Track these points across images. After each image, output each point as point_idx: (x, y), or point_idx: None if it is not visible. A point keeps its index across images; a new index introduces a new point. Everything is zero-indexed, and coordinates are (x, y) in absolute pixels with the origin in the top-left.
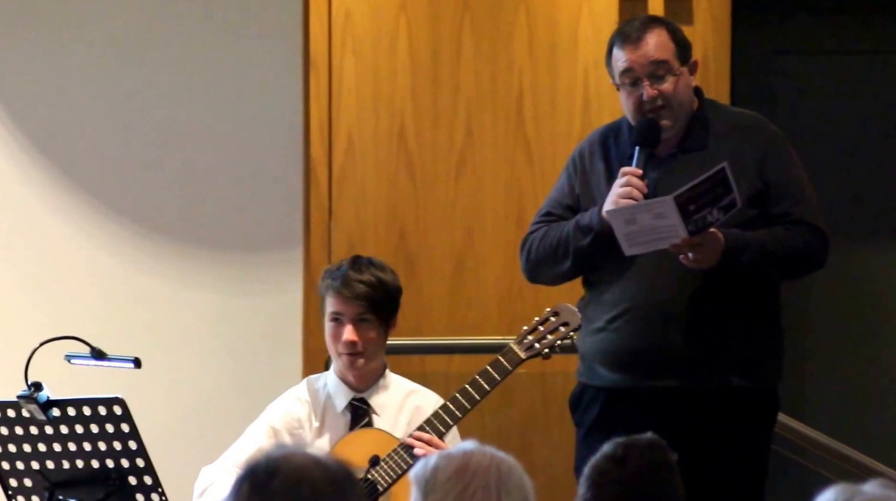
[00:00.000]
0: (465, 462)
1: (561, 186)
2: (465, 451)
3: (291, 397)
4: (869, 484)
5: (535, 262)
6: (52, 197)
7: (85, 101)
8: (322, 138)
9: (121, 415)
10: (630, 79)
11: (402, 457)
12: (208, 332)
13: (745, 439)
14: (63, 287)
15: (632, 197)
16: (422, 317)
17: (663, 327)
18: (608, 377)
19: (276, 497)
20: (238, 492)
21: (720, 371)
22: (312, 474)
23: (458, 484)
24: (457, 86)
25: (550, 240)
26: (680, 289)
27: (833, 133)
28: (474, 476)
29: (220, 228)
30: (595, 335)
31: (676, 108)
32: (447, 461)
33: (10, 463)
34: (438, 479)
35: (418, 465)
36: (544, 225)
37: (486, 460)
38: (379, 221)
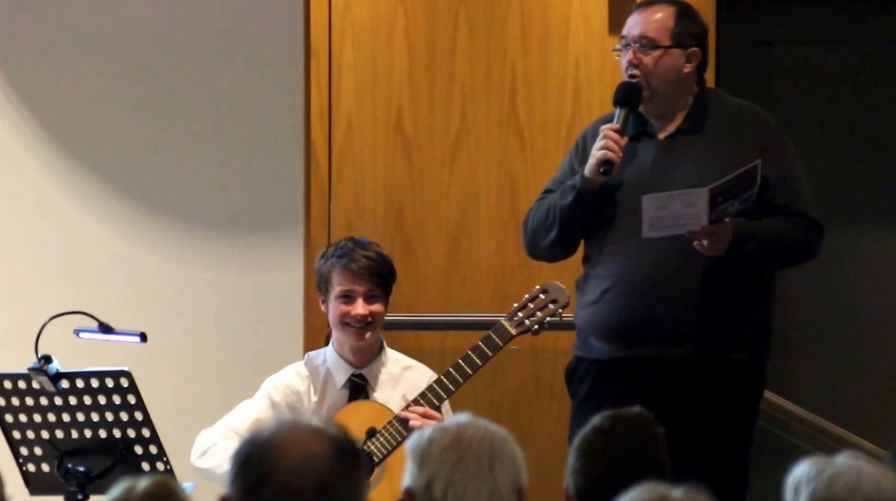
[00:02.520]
0: (459, 435)
1: (563, 167)
2: (459, 424)
3: (291, 371)
4: (840, 456)
5: (531, 235)
6: (62, 178)
7: (93, 87)
8: (322, 123)
9: (127, 387)
10: (622, 42)
11: (397, 430)
12: (212, 308)
13: (732, 411)
14: (72, 264)
15: (610, 149)
16: (418, 294)
17: (653, 299)
18: (600, 348)
19: (286, 474)
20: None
21: (710, 343)
22: (321, 447)
23: (453, 456)
24: (452, 73)
25: (542, 210)
26: (669, 263)
27: (818, 122)
28: (468, 448)
29: (224, 208)
30: (588, 307)
31: (655, 84)
32: (442, 433)
33: (22, 433)
34: (433, 451)
35: (413, 437)
36: (539, 202)
37: (480, 432)
38: (377, 202)
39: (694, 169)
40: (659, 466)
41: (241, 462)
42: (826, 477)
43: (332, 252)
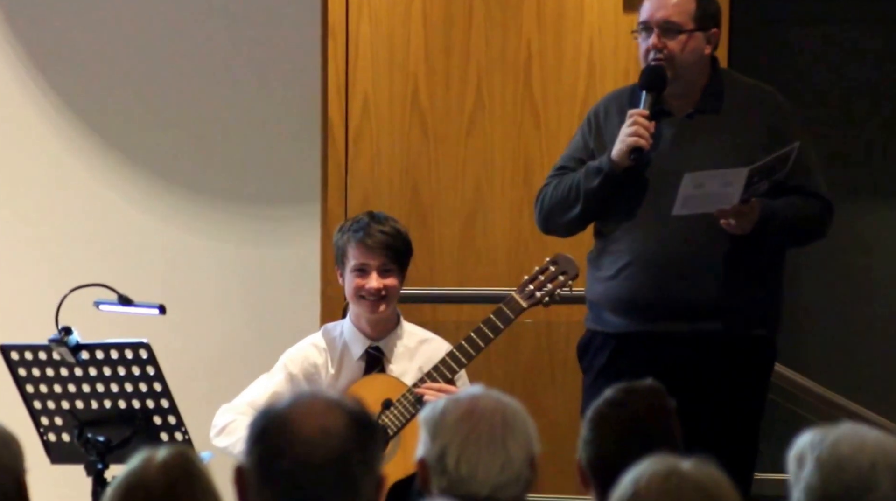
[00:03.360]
0: (472, 406)
1: (575, 143)
2: (472, 395)
3: (308, 344)
4: (841, 424)
5: (548, 211)
6: (84, 153)
7: (113, 63)
8: (339, 99)
9: (146, 359)
10: (645, 30)
11: (410, 403)
12: (231, 281)
13: (748, 386)
14: (92, 237)
15: (640, 136)
16: (433, 269)
17: (673, 275)
18: (617, 323)
19: (303, 446)
20: (256, 439)
21: (729, 319)
22: (337, 420)
23: (465, 427)
24: (468, 51)
25: (563, 188)
26: (690, 240)
27: (826, 100)
28: (481, 419)
29: (242, 183)
30: (605, 282)
31: (679, 68)
32: (455, 404)
33: (42, 403)
34: (446, 422)
35: (427, 408)
36: (558, 178)
37: (492, 403)
38: (393, 178)
39: (711, 148)
40: (671, 438)
41: (257, 435)
42: (830, 442)
43: (349, 226)
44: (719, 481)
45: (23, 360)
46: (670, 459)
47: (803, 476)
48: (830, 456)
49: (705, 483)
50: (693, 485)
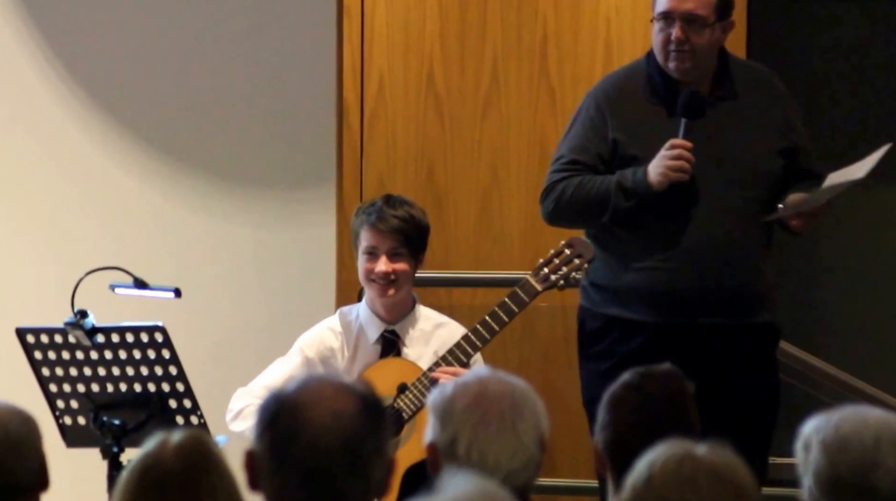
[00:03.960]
0: (480, 392)
1: (583, 134)
2: (480, 379)
3: (324, 327)
4: (845, 407)
5: (564, 210)
6: (100, 135)
7: (130, 45)
8: (354, 81)
9: (162, 342)
10: (666, 20)
11: (426, 386)
12: (245, 264)
13: (768, 370)
14: (108, 220)
15: (684, 170)
16: (448, 252)
17: (715, 265)
18: (650, 312)
19: (314, 431)
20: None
21: (754, 307)
22: (348, 404)
23: (475, 415)
24: (483, 31)
25: (586, 194)
26: (731, 231)
27: (849, 78)
28: (490, 406)
29: (257, 166)
30: (638, 272)
31: (699, 58)
32: (463, 390)
33: (58, 386)
34: (456, 409)
35: (435, 394)
36: (571, 173)
37: (501, 388)
38: (408, 160)
39: (740, 136)
40: (688, 423)
41: (267, 420)
42: (832, 424)
43: (365, 208)
44: (734, 465)
45: (39, 343)
46: (685, 443)
47: (811, 461)
48: (834, 438)
49: (720, 467)
50: (708, 470)
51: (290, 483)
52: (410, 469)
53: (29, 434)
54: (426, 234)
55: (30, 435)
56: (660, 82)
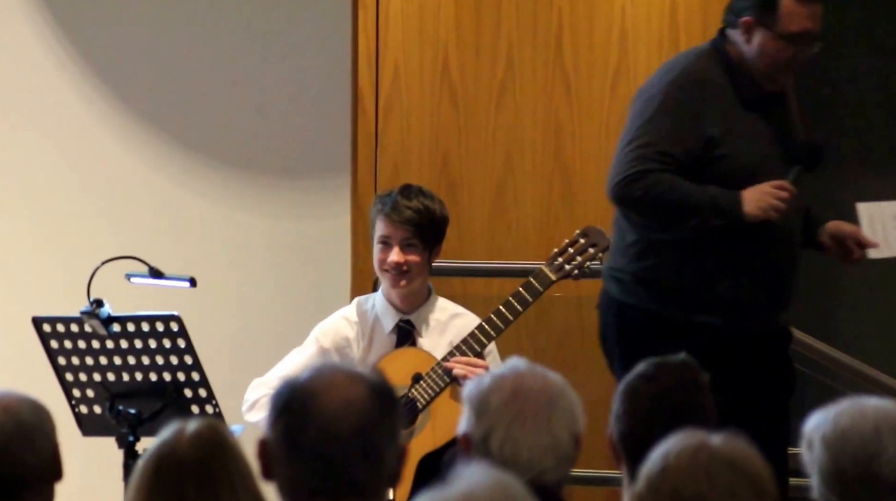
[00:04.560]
0: (517, 388)
1: (675, 124)
2: (516, 374)
3: (340, 317)
4: (843, 401)
5: (649, 205)
6: (115, 125)
7: (143, 34)
8: (369, 70)
9: (177, 331)
10: (803, 39)
11: (440, 376)
12: (260, 253)
13: (790, 366)
14: (123, 210)
15: (781, 212)
16: (463, 241)
17: (784, 276)
18: (711, 316)
19: (327, 418)
20: (279, 412)
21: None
22: (360, 393)
23: (511, 410)
24: (498, 20)
25: (678, 199)
26: (792, 241)
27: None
28: (526, 402)
29: (272, 155)
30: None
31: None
32: (500, 384)
33: (74, 375)
34: (492, 403)
35: (471, 385)
36: (663, 166)
37: (538, 384)
38: (423, 149)
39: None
40: (703, 413)
41: (280, 408)
42: (832, 418)
43: (381, 197)
44: (750, 456)
45: (55, 332)
46: (700, 434)
47: (814, 458)
48: (834, 432)
49: (735, 457)
50: (723, 460)
51: (303, 470)
52: (424, 459)
53: (41, 423)
54: (442, 226)
55: (42, 425)
56: (748, 86)
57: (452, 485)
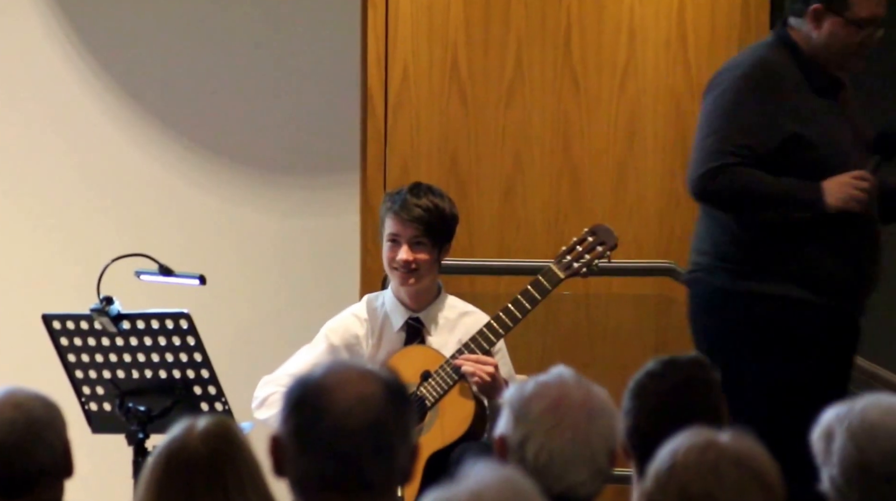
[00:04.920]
0: (559, 397)
1: (753, 117)
2: (561, 382)
3: (350, 314)
4: (865, 396)
5: (731, 199)
6: (124, 122)
7: (153, 31)
8: (378, 69)
9: (187, 329)
10: (871, 24)
11: (448, 374)
12: (270, 251)
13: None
14: (133, 208)
15: (862, 203)
16: (472, 239)
17: (875, 251)
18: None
19: (339, 413)
20: (292, 407)
21: None
22: (373, 389)
23: (551, 420)
24: (507, 18)
25: (758, 193)
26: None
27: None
28: (566, 414)
29: (282, 153)
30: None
31: None
32: (543, 391)
33: (84, 373)
34: (532, 410)
35: (513, 389)
36: (741, 158)
37: (580, 397)
38: (432, 147)
39: (860, 121)
40: (713, 411)
41: (293, 404)
42: (858, 412)
43: (391, 195)
44: (757, 454)
45: (64, 330)
46: (708, 431)
47: (835, 449)
48: (861, 425)
49: (743, 455)
50: (731, 458)
51: (314, 465)
52: (433, 457)
53: (52, 420)
54: (452, 224)
55: (52, 421)
56: (819, 74)
57: (461, 483)
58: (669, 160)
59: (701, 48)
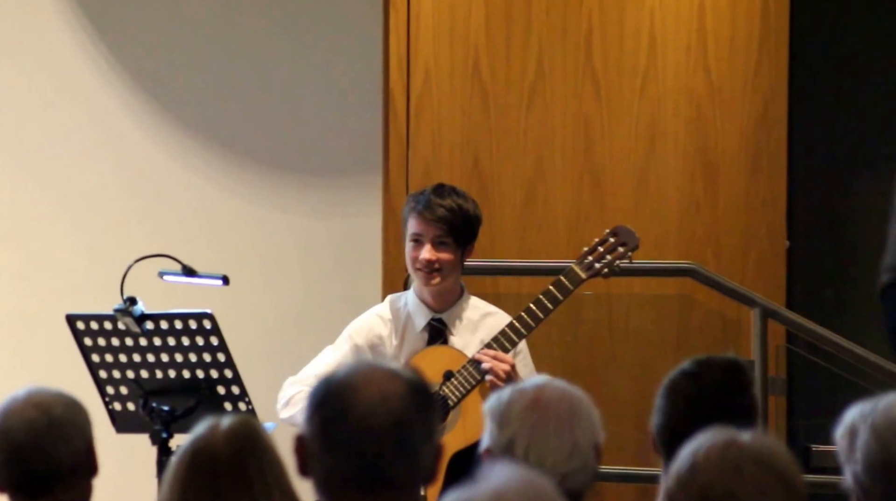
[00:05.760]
0: (537, 396)
1: None
2: (536, 385)
3: (373, 315)
4: (888, 394)
5: None
6: (148, 124)
7: (177, 34)
8: (400, 71)
9: (210, 329)
10: None
11: (470, 373)
12: (292, 252)
13: None
14: (157, 208)
15: None
16: (493, 240)
17: None
18: None
19: (363, 411)
20: (316, 406)
21: None
22: (397, 388)
23: (532, 416)
24: (529, 21)
25: None
26: None
27: (892, 61)
28: (547, 408)
29: (305, 155)
30: None
31: None
32: (520, 394)
33: (108, 372)
34: (513, 412)
35: (492, 399)
36: None
37: (558, 393)
38: (454, 149)
39: None
40: (746, 413)
41: (317, 402)
42: (882, 409)
43: (414, 196)
44: (779, 453)
45: (88, 330)
46: (729, 431)
47: (858, 446)
48: (885, 421)
49: (764, 454)
50: (751, 457)
51: (339, 463)
52: (455, 456)
53: (74, 419)
54: (475, 225)
55: (75, 421)
56: None
57: (482, 484)
58: (690, 162)
59: (721, 53)
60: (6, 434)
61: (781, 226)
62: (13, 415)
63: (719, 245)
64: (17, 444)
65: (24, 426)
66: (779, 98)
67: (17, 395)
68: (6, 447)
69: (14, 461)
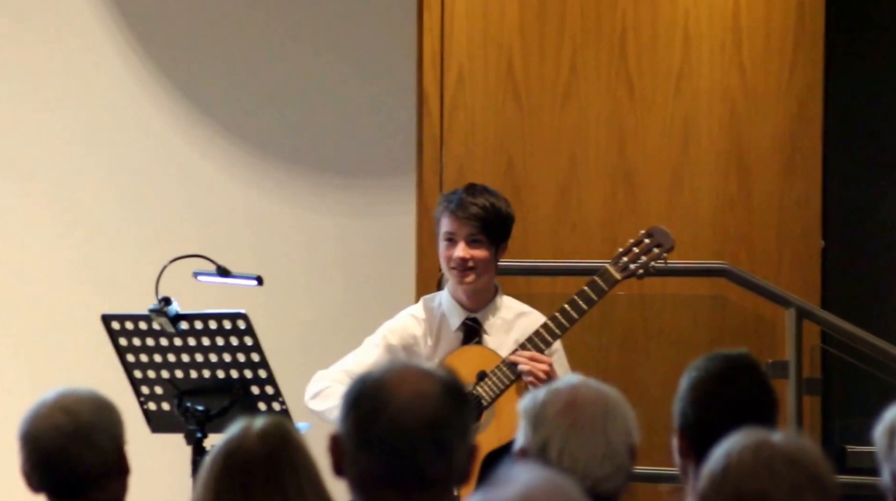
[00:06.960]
0: (572, 397)
1: None
2: (571, 386)
3: (408, 315)
4: None
5: None
6: (184, 125)
7: (213, 36)
8: (434, 71)
9: (244, 329)
10: None
11: (504, 373)
12: (327, 253)
13: None
14: (191, 209)
15: None
16: (527, 241)
17: None
18: None
19: (398, 410)
20: (351, 405)
21: None
22: (431, 387)
23: (567, 418)
24: (563, 22)
25: None
26: None
27: None
28: (582, 410)
29: (339, 155)
30: None
31: None
32: (555, 395)
33: (143, 372)
34: (548, 414)
35: (527, 399)
36: None
37: (593, 394)
38: (487, 149)
39: None
40: (767, 410)
41: (352, 401)
42: None
43: (447, 196)
44: (812, 453)
45: (123, 330)
46: (761, 432)
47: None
48: None
49: (797, 454)
50: (784, 458)
51: (373, 463)
52: (489, 455)
53: (102, 422)
54: (508, 224)
55: (103, 423)
56: None
57: (508, 485)
58: (724, 162)
59: (755, 51)
60: (35, 440)
61: (816, 226)
62: (41, 421)
63: (753, 245)
64: (45, 451)
65: (52, 432)
66: (814, 97)
67: (47, 398)
68: (35, 453)
69: (43, 466)
